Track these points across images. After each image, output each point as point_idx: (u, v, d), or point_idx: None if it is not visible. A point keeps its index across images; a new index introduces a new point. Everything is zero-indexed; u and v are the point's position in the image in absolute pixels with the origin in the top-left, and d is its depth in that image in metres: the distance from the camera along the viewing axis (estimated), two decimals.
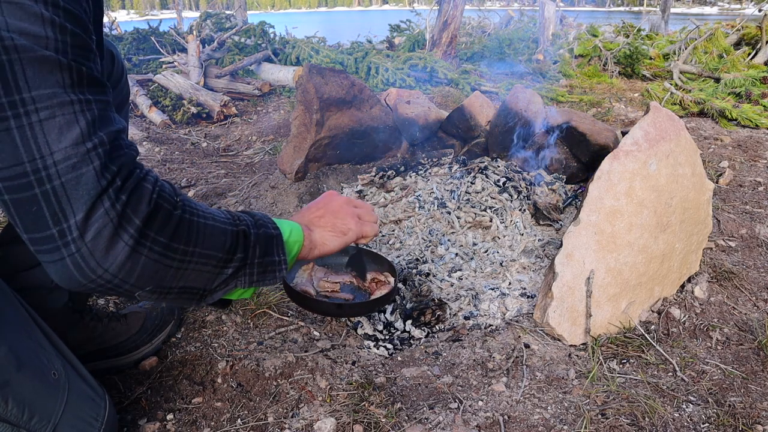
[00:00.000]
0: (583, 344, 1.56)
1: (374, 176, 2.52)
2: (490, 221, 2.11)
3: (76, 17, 0.71)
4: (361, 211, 1.28)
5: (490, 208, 2.17)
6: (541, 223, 2.13)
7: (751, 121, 3.83)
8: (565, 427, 1.24)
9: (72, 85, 0.71)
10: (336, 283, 1.57)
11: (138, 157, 0.82)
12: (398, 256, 2.01)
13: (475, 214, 2.14)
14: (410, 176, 2.48)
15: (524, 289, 1.83)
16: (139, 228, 0.76)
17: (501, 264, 1.94)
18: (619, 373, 1.44)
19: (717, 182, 2.82)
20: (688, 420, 1.27)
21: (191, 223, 0.84)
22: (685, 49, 5.59)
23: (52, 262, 0.74)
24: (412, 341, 1.66)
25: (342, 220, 1.22)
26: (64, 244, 0.72)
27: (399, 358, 1.54)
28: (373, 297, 1.53)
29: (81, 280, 0.74)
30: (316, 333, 1.62)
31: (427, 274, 1.90)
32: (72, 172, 0.70)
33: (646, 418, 1.26)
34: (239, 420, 1.26)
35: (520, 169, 2.43)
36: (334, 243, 1.19)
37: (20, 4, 0.65)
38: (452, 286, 1.86)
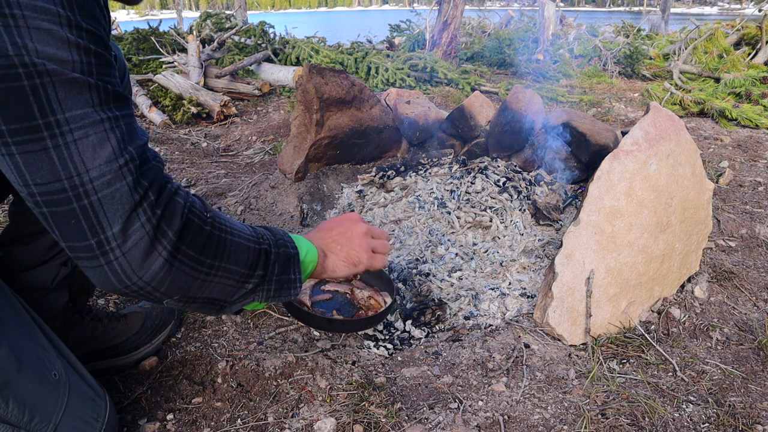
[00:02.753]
0: (583, 344, 1.56)
1: (374, 176, 2.52)
2: (490, 221, 2.11)
3: (98, 37, 0.74)
4: (377, 243, 1.30)
5: (490, 208, 2.17)
6: (541, 223, 2.13)
7: (751, 121, 3.83)
8: (565, 427, 1.24)
9: (100, 103, 0.74)
10: (329, 291, 1.57)
11: (164, 168, 0.86)
12: (398, 256, 2.01)
13: (475, 214, 2.15)
14: (410, 176, 2.48)
15: (524, 289, 1.83)
16: (173, 241, 0.81)
17: (501, 264, 1.94)
18: (619, 373, 1.44)
19: (717, 182, 2.82)
20: (688, 420, 1.27)
21: (220, 238, 0.89)
22: (685, 49, 5.59)
23: (91, 267, 0.79)
24: (412, 341, 1.66)
25: (356, 252, 1.25)
26: (102, 253, 0.77)
27: (399, 358, 1.54)
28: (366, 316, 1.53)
29: (117, 285, 0.80)
30: (316, 333, 1.62)
31: (427, 274, 1.90)
32: (108, 188, 0.75)
33: (646, 418, 1.26)
34: (239, 420, 1.26)
35: (520, 169, 2.44)
36: (343, 271, 1.24)
37: (48, 30, 0.67)
38: (452, 286, 1.86)
